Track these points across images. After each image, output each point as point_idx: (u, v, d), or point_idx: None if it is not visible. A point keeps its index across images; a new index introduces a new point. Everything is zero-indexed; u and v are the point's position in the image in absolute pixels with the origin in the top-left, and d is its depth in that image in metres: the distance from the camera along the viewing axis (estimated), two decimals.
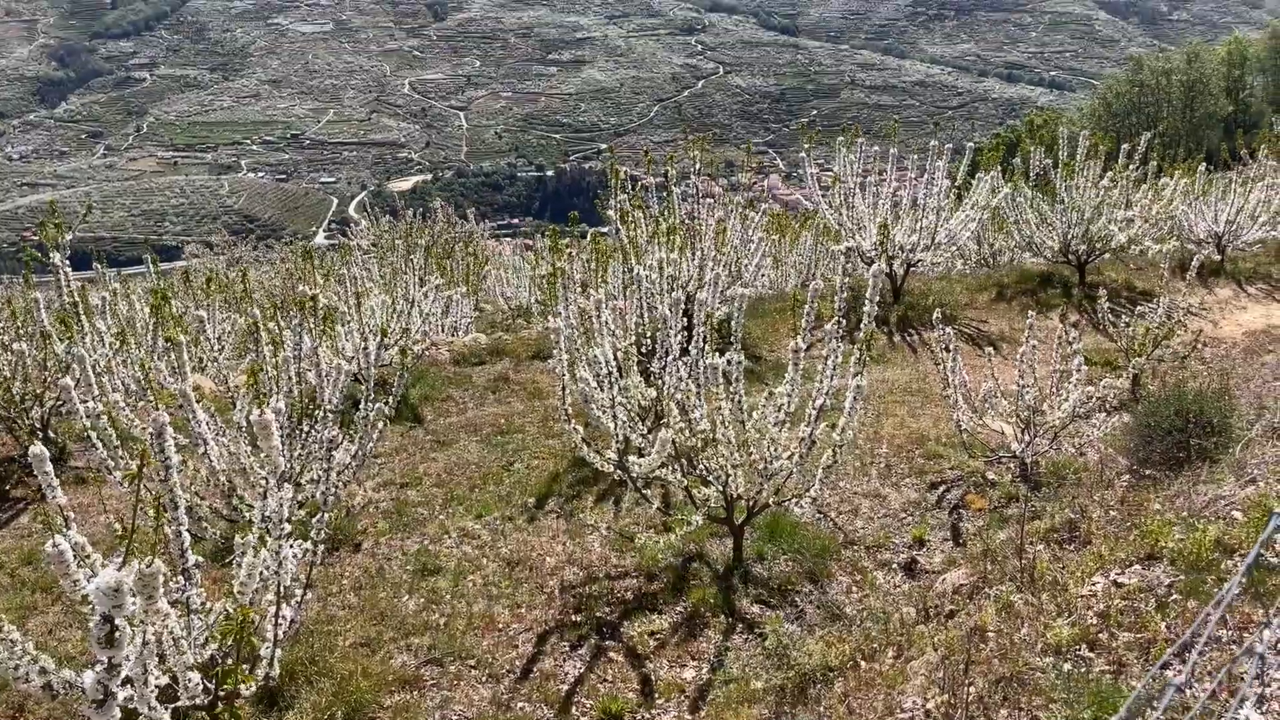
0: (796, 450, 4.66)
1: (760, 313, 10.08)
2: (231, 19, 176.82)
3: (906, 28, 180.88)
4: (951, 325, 8.28)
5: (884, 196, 10.48)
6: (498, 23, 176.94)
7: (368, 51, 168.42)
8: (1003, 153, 13.50)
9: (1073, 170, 10.79)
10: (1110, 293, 7.93)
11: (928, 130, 10.60)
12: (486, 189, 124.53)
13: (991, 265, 14.00)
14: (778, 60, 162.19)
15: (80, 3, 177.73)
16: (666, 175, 9.40)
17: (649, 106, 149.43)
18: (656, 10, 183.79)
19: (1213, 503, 4.02)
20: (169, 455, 2.84)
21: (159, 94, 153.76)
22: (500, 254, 18.79)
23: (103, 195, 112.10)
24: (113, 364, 6.75)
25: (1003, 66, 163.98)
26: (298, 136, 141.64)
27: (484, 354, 9.61)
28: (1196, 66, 38.96)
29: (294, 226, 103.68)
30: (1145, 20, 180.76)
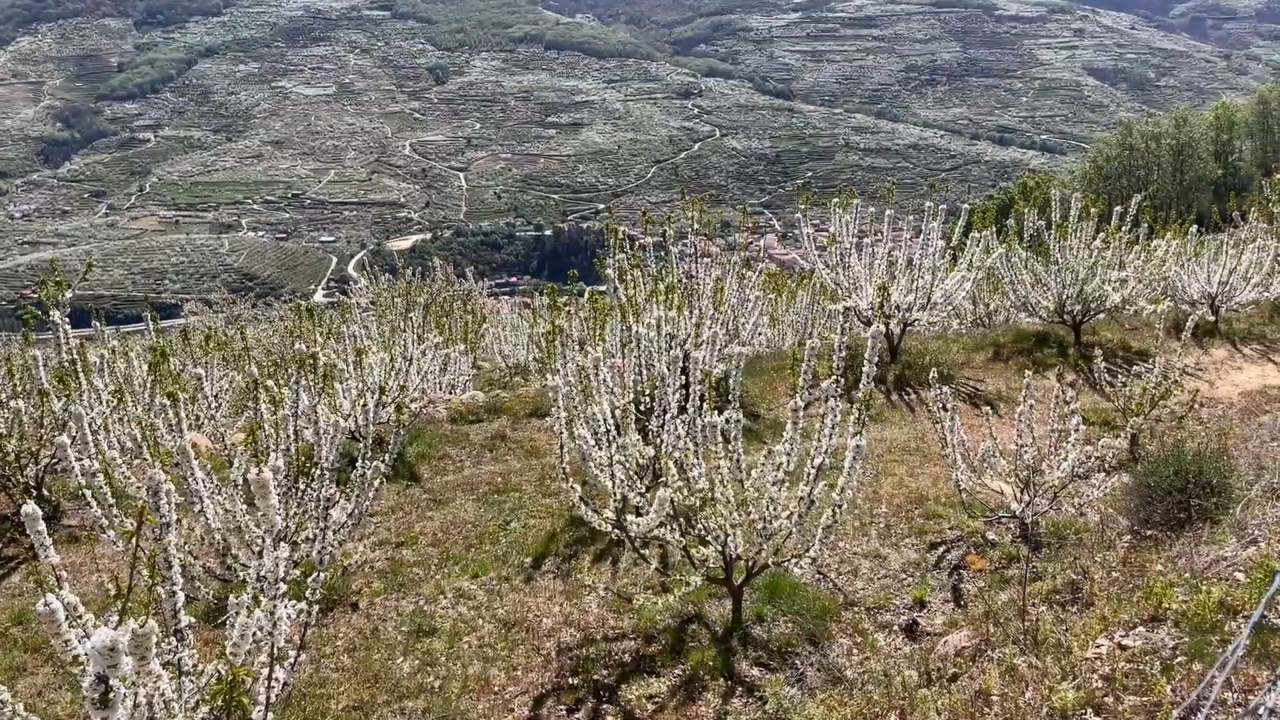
0: (796, 510, 4.64)
1: (758, 371, 10.11)
2: (236, 82, 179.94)
3: (899, 92, 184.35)
4: (948, 385, 8.30)
5: (880, 257, 10.58)
6: (498, 86, 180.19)
7: (369, 113, 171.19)
8: (996, 214, 13.69)
9: (1066, 231, 10.92)
10: (1106, 352, 7.98)
11: (922, 192, 10.75)
12: (485, 248, 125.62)
13: (987, 325, 14.08)
14: (773, 123, 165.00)
15: (87, 66, 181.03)
16: (664, 235, 9.49)
17: (646, 168, 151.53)
18: (654, 75, 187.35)
19: (1215, 563, 3.99)
20: (166, 513, 2.82)
21: (162, 154, 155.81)
22: (498, 312, 18.87)
23: (103, 254, 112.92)
24: (109, 422, 6.74)
25: (995, 130, 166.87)
26: (299, 196, 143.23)
27: (481, 412, 9.60)
28: (1185, 131, 39.67)
29: (293, 285, 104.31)
30: (1133, 86, 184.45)
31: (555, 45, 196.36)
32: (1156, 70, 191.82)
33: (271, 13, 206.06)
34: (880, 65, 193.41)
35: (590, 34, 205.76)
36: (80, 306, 6.65)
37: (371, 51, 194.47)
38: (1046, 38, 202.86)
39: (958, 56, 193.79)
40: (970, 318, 14.45)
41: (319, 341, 8.83)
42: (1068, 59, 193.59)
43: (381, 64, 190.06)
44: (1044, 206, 12.23)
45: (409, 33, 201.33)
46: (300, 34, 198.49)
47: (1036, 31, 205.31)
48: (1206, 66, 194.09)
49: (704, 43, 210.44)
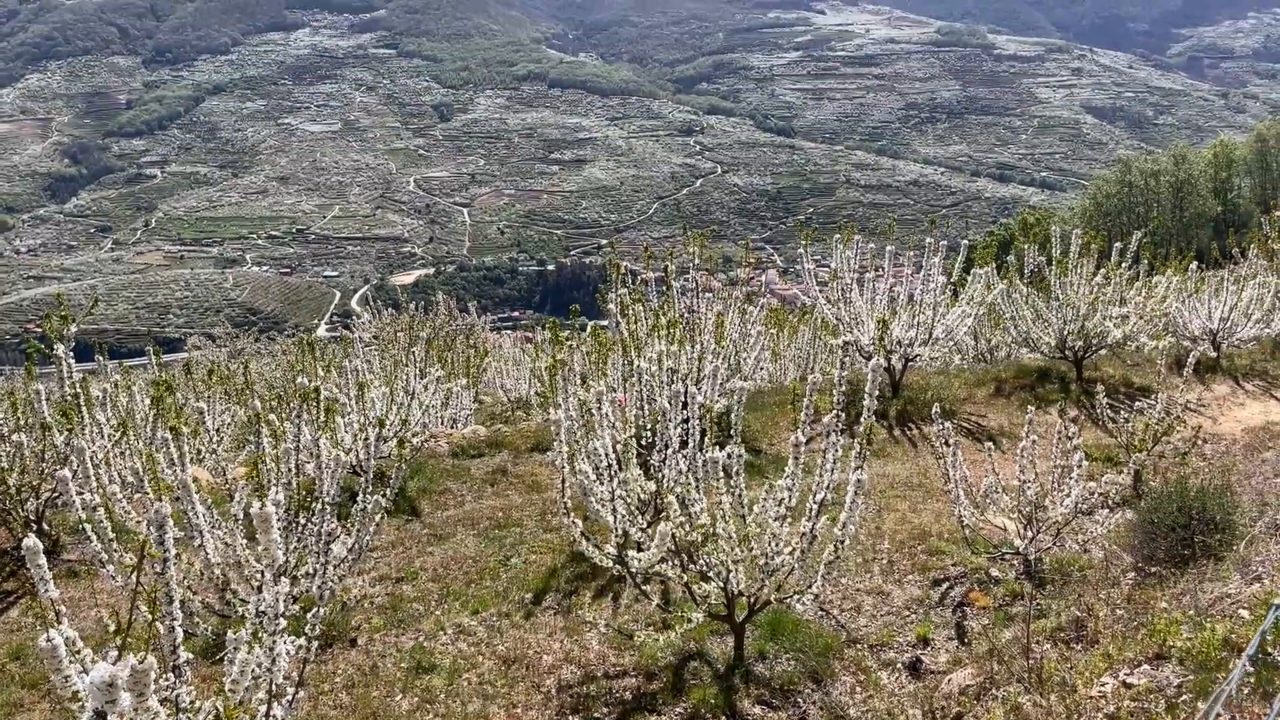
0: (798, 545, 4.62)
1: (759, 406, 10.10)
2: (243, 119, 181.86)
3: (900, 130, 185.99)
4: (950, 420, 8.29)
5: (881, 292, 10.61)
6: (502, 123, 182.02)
7: (374, 150, 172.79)
8: (997, 250, 13.74)
9: (1067, 267, 10.96)
10: (1108, 388, 7.97)
11: (923, 228, 10.80)
12: (488, 283, 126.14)
13: (989, 360, 14.09)
14: (774, 160, 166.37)
15: (95, 103, 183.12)
16: (666, 270, 9.53)
17: (648, 204, 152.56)
18: (656, 113, 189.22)
19: (1219, 601, 3.97)
20: (168, 548, 2.82)
21: (169, 190, 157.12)
22: (501, 347, 18.91)
23: (108, 288, 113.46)
24: (111, 456, 6.73)
25: (994, 167, 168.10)
26: (303, 231, 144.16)
27: (483, 446, 9.59)
28: (1184, 168, 39.91)
29: (296, 319, 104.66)
30: (1131, 124, 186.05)
31: (559, 83, 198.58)
32: (1155, 108, 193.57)
33: (279, 51, 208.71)
34: (880, 103, 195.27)
35: (593, 72, 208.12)
36: (84, 341, 6.67)
37: (377, 89, 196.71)
38: (1045, 76, 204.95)
39: (957, 95, 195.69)
40: (972, 353, 14.46)
41: (321, 375, 8.85)
42: (1066, 97, 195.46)
43: (387, 101, 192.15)
44: (1044, 243, 12.29)
45: (414, 71, 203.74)
46: (307, 72, 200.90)
47: (1035, 70, 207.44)
48: (1204, 105, 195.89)
49: (706, 81, 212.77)
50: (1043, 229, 31.97)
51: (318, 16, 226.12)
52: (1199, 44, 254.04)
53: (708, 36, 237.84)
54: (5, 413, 7.37)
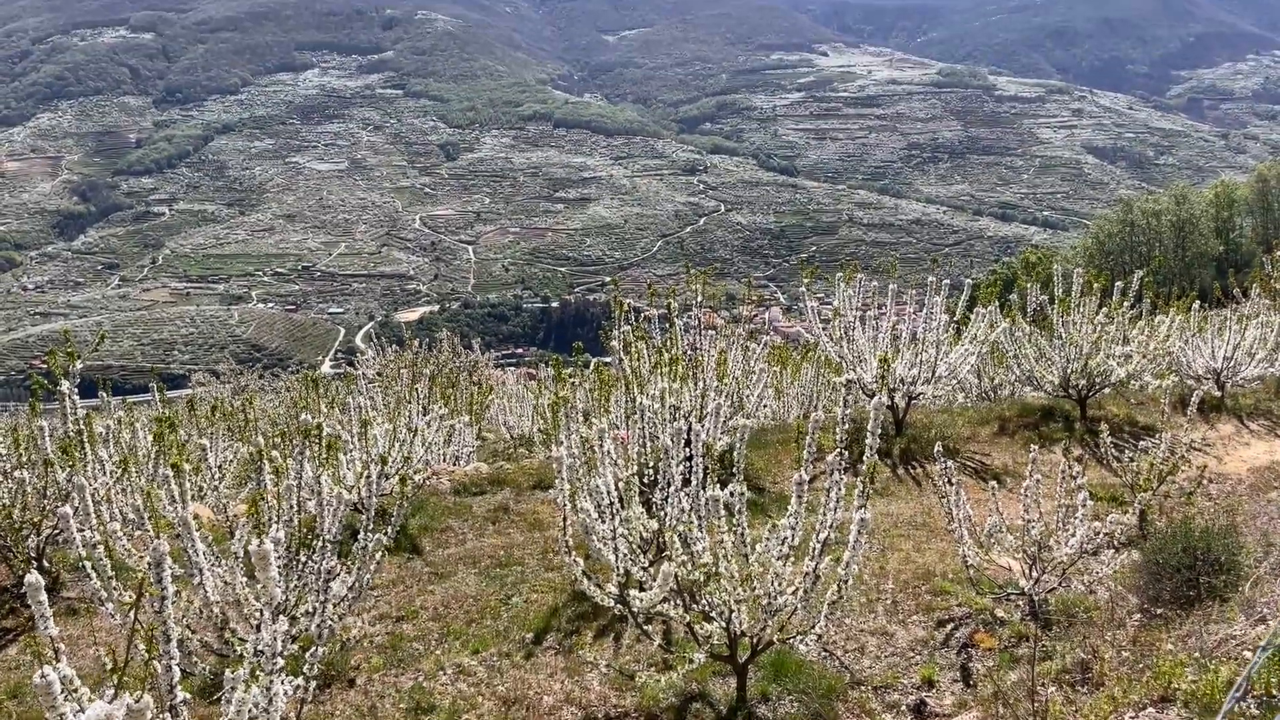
0: (801, 585, 4.59)
1: (763, 444, 10.08)
2: (251, 158, 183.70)
3: (902, 169, 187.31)
4: (954, 458, 8.27)
5: (884, 330, 10.63)
6: (507, 162, 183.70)
7: (381, 188, 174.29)
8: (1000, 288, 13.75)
9: (1069, 306, 10.97)
10: (1112, 427, 7.95)
11: (925, 266, 10.81)
12: (492, 320, 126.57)
13: (992, 399, 14.06)
14: (777, 199, 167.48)
15: (106, 141, 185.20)
16: (669, 307, 9.56)
17: (652, 242, 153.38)
18: (660, 152, 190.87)
19: (1224, 642, 3.93)
20: (166, 586, 2.81)
21: (176, 228, 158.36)
22: (504, 383, 18.92)
23: (114, 325, 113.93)
24: (112, 493, 6.73)
25: (997, 206, 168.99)
26: (309, 268, 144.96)
27: (485, 483, 9.56)
28: (1185, 208, 40.12)
29: (301, 356, 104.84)
30: (1133, 164, 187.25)
31: (564, 123, 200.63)
32: (1155, 149, 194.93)
33: (288, 91, 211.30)
34: (882, 143, 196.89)
35: (598, 112, 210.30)
36: (89, 377, 6.70)
37: (384, 128, 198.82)
38: (1046, 117, 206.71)
39: (959, 135, 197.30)
40: (975, 391, 14.44)
41: (324, 412, 8.86)
42: (1067, 138, 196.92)
43: (394, 140, 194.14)
44: (1047, 281, 12.32)
45: (421, 111, 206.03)
46: (315, 112, 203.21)
47: (1036, 111, 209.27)
48: (1205, 146, 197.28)
49: (709, 121, 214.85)
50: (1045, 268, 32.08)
51: (327, 58, 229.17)
52: (1198, 86, 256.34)
53: (711, 78, 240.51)
54: (8, 449, 7.37)
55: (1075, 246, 50.16)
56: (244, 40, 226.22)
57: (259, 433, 8.67)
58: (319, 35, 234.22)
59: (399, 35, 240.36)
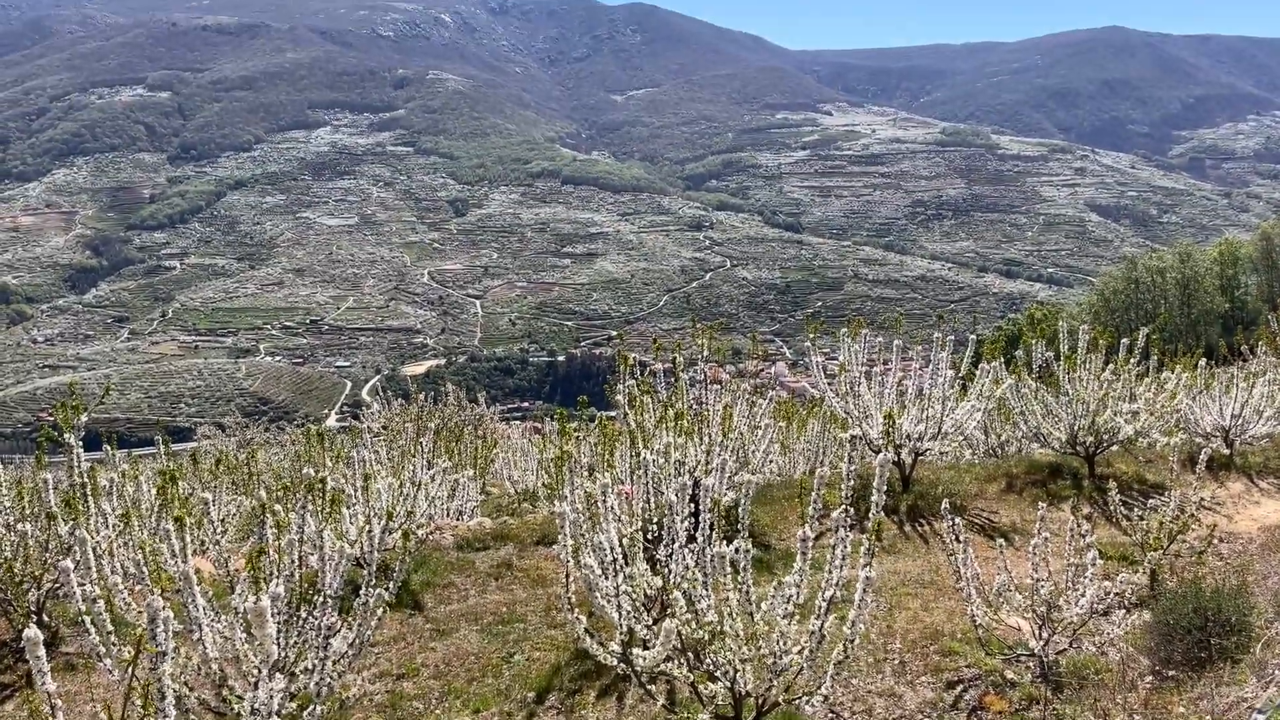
0: (806, 644, 4.52)
1: (768, 500, 10.01)
2: (262, 213, 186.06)
3: (906, 226, 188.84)
4: (961, 515, 8.19)
5: (890, 386, 10.61)
6: (515, 218, 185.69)
7: (390, 243, 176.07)
8: (1005, 345, 13.78)
9: (1075, 362, 10.96)
10: (1121, 485, 7.89)
11: (931, 322, 10.85)
12: (498, 373, 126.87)
13: (1000, 455, 13.98)
14: (782, 254, 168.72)
15: (120, 197, 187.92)
16: (674, 361, 9.58)
17: (658, 296, 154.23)
18: (666, 209, 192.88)
19: (1235, 705, 3.85)
20: (163, 642, 2.78)
21: (187, 281, 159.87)
22: (509, 437, 18.89)
23: (122, 377, 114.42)
24: (114, 546, 6.69)
25: (1001, 263, 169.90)
26: (317, 322, 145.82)
27: (488, 539, 9.49)
28: (1190, 265, 40.25)
29: (307, 409, 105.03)
30: (1136, 222, 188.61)
31: (572, 180, 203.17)
32: (1158, 207, 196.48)
33: (300, 148, 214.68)
34: (887, 200, 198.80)
35: (605, 170, 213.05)
36: (95, 430, 6.71)
37: (394, 185, 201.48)
38: (1048, 175, 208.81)
39: (963, 192, 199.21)
40: (982, 448, 14.36)
41: (328, 466, 8.84)
42: (1070, 196, 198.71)
43: (403, 196, 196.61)
44: (1052, 338, 12.33)
45: (431, 167, 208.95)
46: (326, 168, 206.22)
47: (1038, 170, 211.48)
48: (1208, 204, 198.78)
49: (715, 178, 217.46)
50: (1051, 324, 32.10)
51: (339, 116, 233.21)
52: (1199, 146, 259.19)
53: (717, 136, 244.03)
54: (12, 501, 7.36)
55: (1080, 303, 50.28)
56: (258, 99, 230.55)
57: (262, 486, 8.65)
58: (332, 94, 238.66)
59: (410, 94, 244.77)
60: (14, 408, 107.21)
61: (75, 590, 4.04)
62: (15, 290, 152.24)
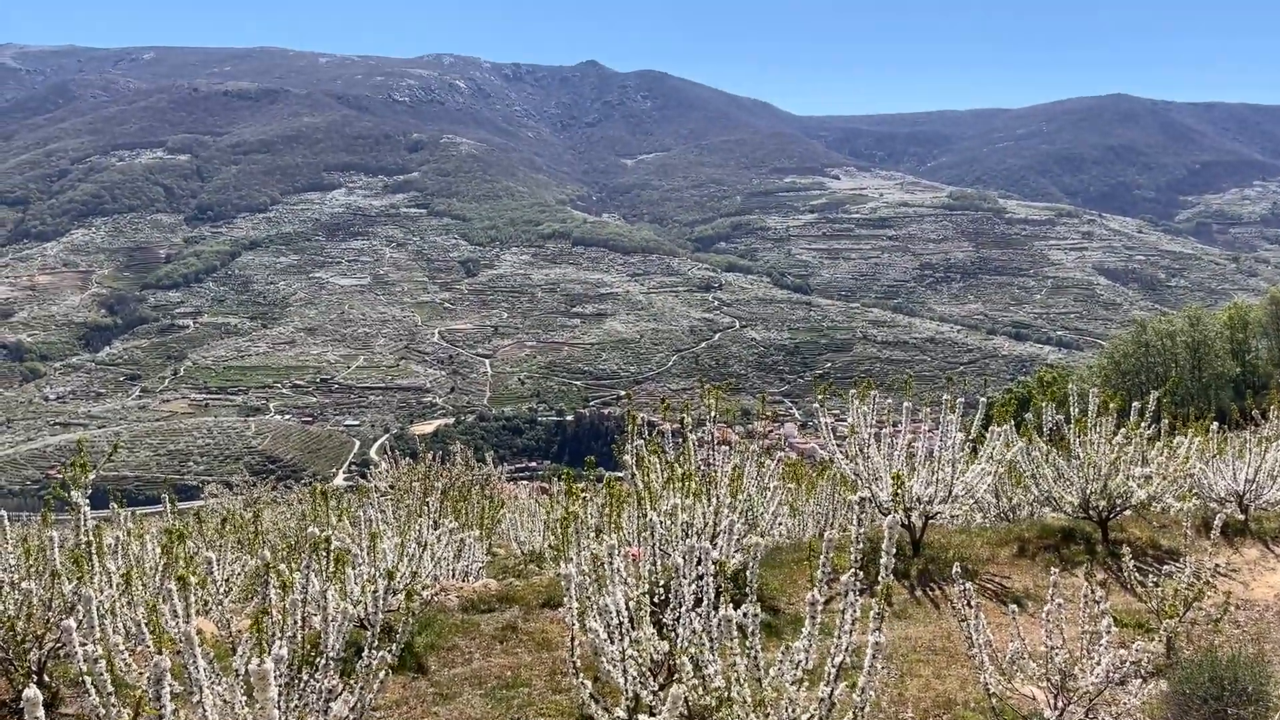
0: (816, 712, 4.44)
1: (777, 563, 9.90)
2: (276, 273, 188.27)
3: (915, 288, 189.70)
4: (973, 580, 8.08)
5: (899, 448, 10.56)
6: (526, 278, 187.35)
7: (401, 303, 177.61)
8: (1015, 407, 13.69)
9: (1086, 426, 10.89)
10: (1135, 550, 7.80)
11: (940, 384, 10.87)
12: (507, 433, 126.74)
13: (1011, 519, 13.83)
14: (791, 316, 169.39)
15: (136, 257, 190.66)
16: (683, 422, 9.56)
17: (667, 356, 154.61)
18: (675, 270, 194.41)
19: None
20: (164, 705, 2.75)
21: (199, 340, 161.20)
22: (516, 497, 18.81)
23: (132, 435, 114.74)
24: (118, 605, 6.65)
25: (1010, 325, 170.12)
26: (327, 381, 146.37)
27: (494, 601, 9.39)
28: (1200, 329, 40.21)
29: (315, 468, 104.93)
30: (1144, 286, 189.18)
31: (582, 241, 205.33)
32: (1166, 271, 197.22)
33: (315, 210, 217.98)
34: (895, 263, 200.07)
35: (616, 231, 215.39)
36: (103, 487, 6.70)
37: (407, 245, 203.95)
38: (1056, 239, 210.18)
39: (970, 255, 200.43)
40: (994, 511, 14.22)
41: (333, 525, 8.80)
42: (1078, 259, 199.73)
43: (415, 257, 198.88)
44: (1063, 401, 12.29)
45: (443, 229, 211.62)
46: (340, 229, 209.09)
47: (1046, 233, 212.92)
48: (1216, 269, 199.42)
49: (724, 240, 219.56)
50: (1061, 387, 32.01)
51: (354, 178, 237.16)
52: (1206, 211, 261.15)
53: (726, 199, 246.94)
54: (18, 559, 7.33)
55: (1091, 366, 50.15)
56: (275, 161, 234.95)
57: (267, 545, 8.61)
58: (347, 157, 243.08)
59: (424, 158, 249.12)
60: (23, 465, 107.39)
61: (77, 650, 4.01)
62: (30, 348, 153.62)
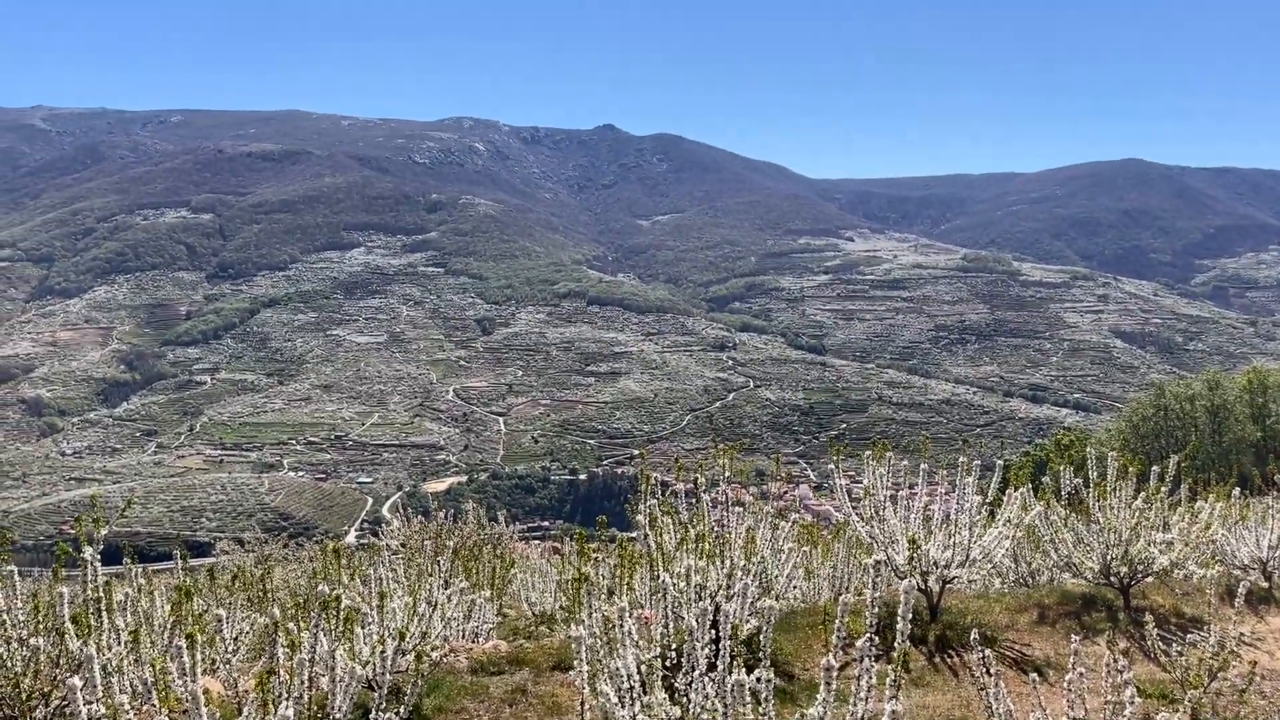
0: None
1: (792, 627, 9.74)
2: (294, 330, 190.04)
3: (930, 350, 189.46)
4: (992, 647, 7.93)
5: (915, 510, 10.44)
6: (541, 337, 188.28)
7: (417, 361, 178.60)
8: (1032, 470, 13.54)
9: (1105, 490, 10.76)
10: (1158, 618, 7.64)
11: (957, 446, 10.78)
12: (519, 491, 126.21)
13: (1030, 584, 13.60)
14: (806, 376, 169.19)
15: (157, 314, 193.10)
16: (696, 482, 9.50)
17: (681, 416, 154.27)
18: (690, 329, 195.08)
19: None
20: None
21: (216, 396, 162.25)
22: (528, 557, 18.65)
23: (146, 491, 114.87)
24: (125, 663, 6.58)
25: (1026, 388, 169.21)
26: (341, 438, 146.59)
27: (503, 662, 9.25)
28: (1219, 393, 39.88)
29: (327, 525, 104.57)
30: (1162, 349, 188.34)
31: (597, 301, 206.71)
32: (1184, 335, 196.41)
33: (334, 268, 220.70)
34: (910, 324, 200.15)
35: (630, 291, 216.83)
36: (115, 543, 6.69)
37: (424, 304, 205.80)
38: (1071, 302, 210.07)
39: (986, 317, 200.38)
40: (1013, 576, 13.99)
41: (343, 583, 8.73)
42: (1094, 322, 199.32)
43: (432, 315, 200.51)
44: (1081, 464, 12.15)
45: (460, 288, 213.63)
46: (358, 287, 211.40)
47: (1061, 296, 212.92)
48: (1234, 332, 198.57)
49: (738, 300, 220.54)
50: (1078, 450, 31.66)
51: (373, 238, 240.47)
52: (1222, 275, 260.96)
53: (740, 260, 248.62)
54: (26, 615, 7.30)
55: (1109, 429, 49.71)
56: (295, 221, 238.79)
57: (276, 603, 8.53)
58: (367, 217, 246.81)
59: (443, 218, 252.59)
60: (37, 520, 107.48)
61: (80, 710, 3.97)
62: (49, 403, 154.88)
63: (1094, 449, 11.62)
